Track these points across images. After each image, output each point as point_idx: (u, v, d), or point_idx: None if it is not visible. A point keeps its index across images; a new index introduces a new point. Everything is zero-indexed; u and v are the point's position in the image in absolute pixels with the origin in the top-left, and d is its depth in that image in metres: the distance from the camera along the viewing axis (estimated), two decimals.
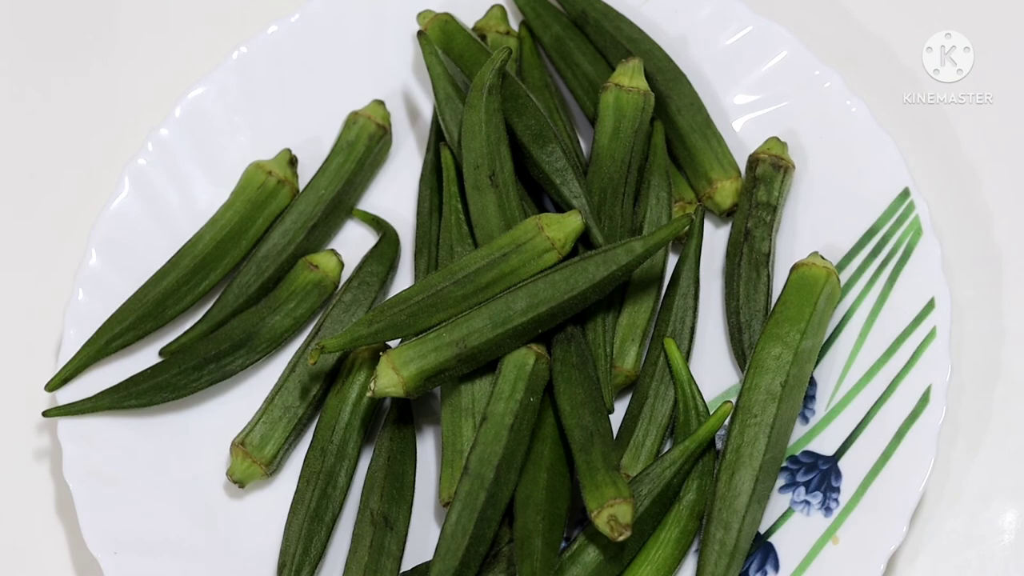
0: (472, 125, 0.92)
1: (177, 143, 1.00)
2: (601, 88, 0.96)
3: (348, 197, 1.00)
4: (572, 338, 0.89)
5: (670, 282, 0.94)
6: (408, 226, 1.00)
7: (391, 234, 0.99)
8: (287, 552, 0.87)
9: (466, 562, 0.82)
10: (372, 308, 0.95)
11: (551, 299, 0.87)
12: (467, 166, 0.93)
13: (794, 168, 0.96)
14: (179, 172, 0.99)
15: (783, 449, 0.86)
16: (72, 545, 0.94)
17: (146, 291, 0.94)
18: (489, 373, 0.89)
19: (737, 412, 0.86)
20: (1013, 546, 0.89)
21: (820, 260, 0.90)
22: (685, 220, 0.88)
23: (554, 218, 0.89)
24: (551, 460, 0.86)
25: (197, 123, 1.00)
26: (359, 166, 1.00)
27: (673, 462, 0.86)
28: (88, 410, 0.90)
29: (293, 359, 0.94)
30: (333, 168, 0.99)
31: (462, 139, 0.93)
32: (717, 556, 0.83)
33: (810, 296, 0.88)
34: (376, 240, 0.99)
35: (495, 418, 0.84)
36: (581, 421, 0.85)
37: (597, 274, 0.87)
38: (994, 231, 0.99)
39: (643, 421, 0.89)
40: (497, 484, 0.83)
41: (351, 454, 0.90)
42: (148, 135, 0.99)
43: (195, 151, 1.00)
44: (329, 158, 1.00)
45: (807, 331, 0.87)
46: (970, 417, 0.92)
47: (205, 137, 1.00)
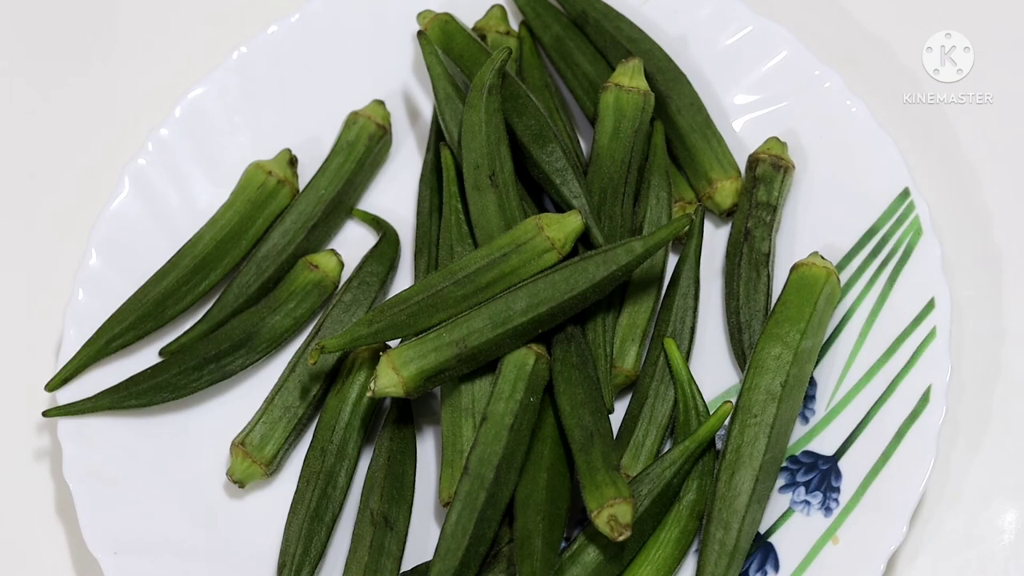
0: (472, 125, 0.92)
1: (177, 143, 1.00)
2: (601, 88, 0.96)
3: (348, 197, 1.00)
4: (572, 338, 0.89)
5: (670, 282, 0.94)
6: (408, 226, 1.00)
7: (391, 234, 0.99)
8: (287, 552, 0.87)
9: (466, 562, 0.82)
10: (372, 308, 0.95)
11: (551, 299, 0.87)
12: (467, 166, 0.93)
13: (794, 168, 0.96)
14: (179, 172, 0.99)
15: (783, 449, 0.86)
16: (72, 545, 0.94)
17: (146, 291, 0.94)
18: (489, 373, 0.89)
19: (737, 412, 0.86)
20: (1013, 546, 0.89)
21: (820, 260, 0.90)
22: (685, 220, 0.88)
23: (554, 218, 0.89)
24: (551, 460, 0.86)
25: (197, 123, 1.00)
26: (359, 166, 1.00)
27: (673, 462, 0.86)
28: (88, 410, 0.90)
29: (293, 359, 0.94)
30: (333, 168, 0.99)
31: (462, 139, 0.93)
32: (717, 556, 0.83)
33: (810, 296, 0.88)
34: (376, 240, 0.99)
35: (495, 418, 0.84)
36: (581, 421, 0.85)
37: (597, 274, 0.87)
38: (994, 231, 0.99)
39: (643, 421, 0.89)
40: (497, 484, 0.83)
41: (351, 454, 0.90)
42: (148, 135, 0.99)
43: (195, 151, 1.00)
44: (329, 158, 1.00)
45: (807, 331, 0.87)
46: (970, 417, 0.92)
47: (205, 137, 1.00)
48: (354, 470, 0.90)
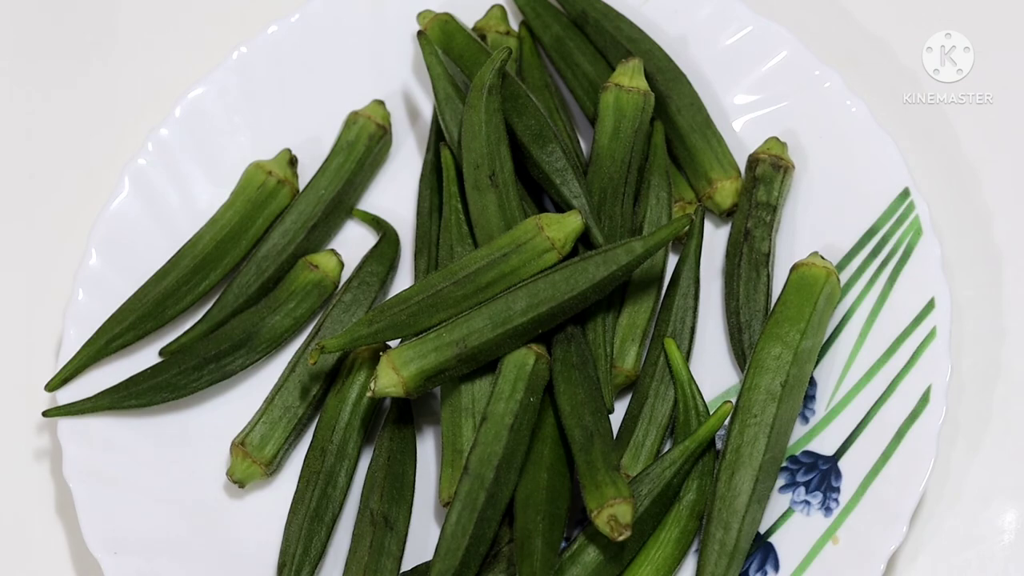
0: (472, 125, 0.92)
1: (177, 143, 0.99)
2: (601, 88, 0.96)
3: (348, 197, 1.00)
4: (572, 338, 0.89)
5: (670, 282, 0.94)
6: (408, 226, 1.00)
7: (391, 234, 0.99)
8: (287, 552, 0.87)
9: (466, 562, 0.82)
10: (372, 308, 0.95)
11: (551, 299, 0.87)
12: (467, 166, 0.93)
13: (794, 168, 0.96)
14: (179, 172, 0.99)
15: (783, 449, 0.86)
16: (72, 545, 0.94)
17: (146, 291, 0.94)
18: (489, 373, 0.89)
19: (737, 412, 0.86)
20: (1013, 546, 0.89)
21: (820, 260, 0.90)
22: (685, 220, 0.88)
23: (554, 218, 0.89)
24: (551, 460, 0.86)
25: (197, 123, 1.00)
26: (359, 166, 1.00)
27: (673, 462, 0.86)
28: (88, 410, 0.90)
29: (293, 359, 0.94)
30: (333, 168, 0.99)
31: (462, 139, 0.93)
32: (717, 556, 0.83)
33: (810, 296, 0.88)
34: (376, 240, 0.99)
35: (495, 418, 0.84)
36: (581, 421, 0.85)
37: (597, 274, 0.87)
38: (994, 231, 0.99)
39: (643, 421, 0.89)
40: (497, 484, 0.83)
41: (351, 454, 0.90)
42: (148, 135, 0.99)
43: (195, 151, 1.00)
44: (329, 158, 1.00)
45: (807, 331, 0.87)
46: (970, 417, 0.92)
47: (205, 137, 1.00)
48: (354, 470, 0.90)
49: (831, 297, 0.90)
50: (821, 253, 0.91)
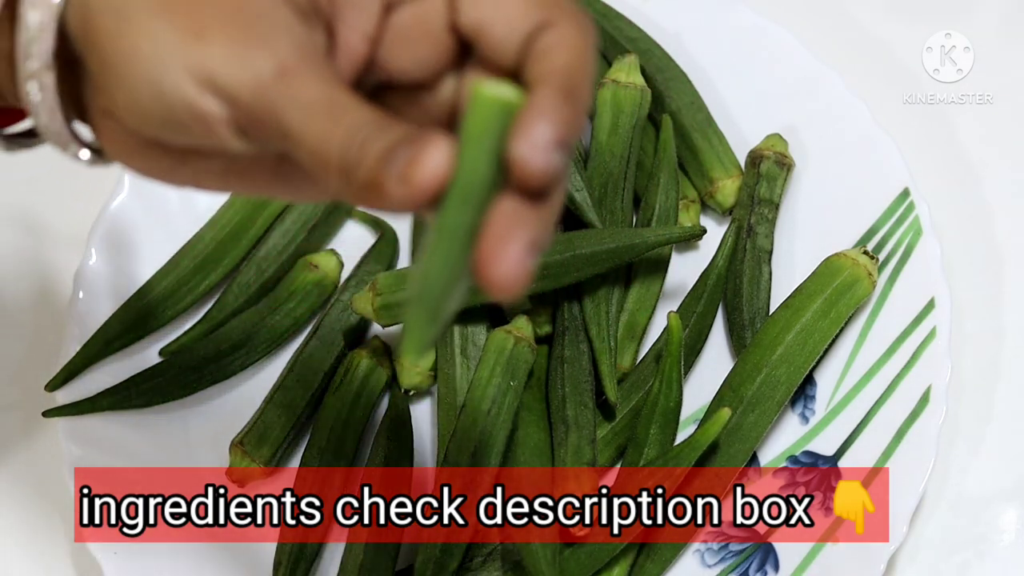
0: None
1: None
2: (598, 84, 0.96)
3: None
4: (567, 332, 0.89)
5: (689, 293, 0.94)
6: (406, 225, 1.00)
7: (389, 233, 0.99)
8: (282, 550, 0.87)
9: (447, 550, 0.83)
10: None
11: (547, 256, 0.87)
12: None
13: (795, 166, 0.96)
14: None
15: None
16: (72, 545, 0.94)
17: (146, 291, 0.94)
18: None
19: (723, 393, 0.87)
20: (1013, 546, 0.89)
21: (854, 252, 0.89)
22: (697, 230, 0.90)
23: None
24: (536, 444, 0.86)
25: None
26: None
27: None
28: (88, 410, 0.90)
29: (292, 359, 0.94)
30: None
31: None
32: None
33: (830, 280, 0.88)
34: (375, 240, 0.99)
35: (472, 404, 0.85)
36: (562, 414, 0.86)
37: (599, 247, 0.88)
38: (994, 231, 0.99)
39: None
40: None
41: (347, 454, 0.90)
42: None
43: None
44: None
45: (818, 310, 0.87)
46: (970, 417, 0.92)
47: None
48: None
49: (851, 285, 0.89)
50: (829, 252, 0.90)
